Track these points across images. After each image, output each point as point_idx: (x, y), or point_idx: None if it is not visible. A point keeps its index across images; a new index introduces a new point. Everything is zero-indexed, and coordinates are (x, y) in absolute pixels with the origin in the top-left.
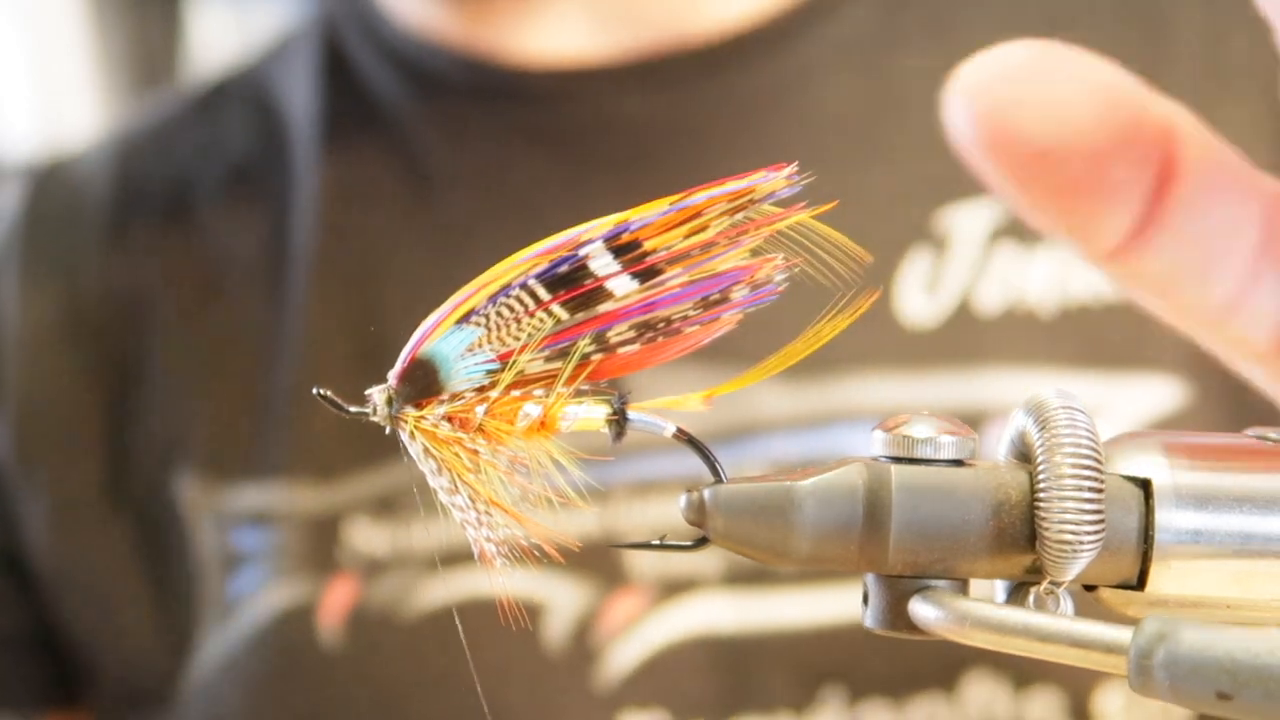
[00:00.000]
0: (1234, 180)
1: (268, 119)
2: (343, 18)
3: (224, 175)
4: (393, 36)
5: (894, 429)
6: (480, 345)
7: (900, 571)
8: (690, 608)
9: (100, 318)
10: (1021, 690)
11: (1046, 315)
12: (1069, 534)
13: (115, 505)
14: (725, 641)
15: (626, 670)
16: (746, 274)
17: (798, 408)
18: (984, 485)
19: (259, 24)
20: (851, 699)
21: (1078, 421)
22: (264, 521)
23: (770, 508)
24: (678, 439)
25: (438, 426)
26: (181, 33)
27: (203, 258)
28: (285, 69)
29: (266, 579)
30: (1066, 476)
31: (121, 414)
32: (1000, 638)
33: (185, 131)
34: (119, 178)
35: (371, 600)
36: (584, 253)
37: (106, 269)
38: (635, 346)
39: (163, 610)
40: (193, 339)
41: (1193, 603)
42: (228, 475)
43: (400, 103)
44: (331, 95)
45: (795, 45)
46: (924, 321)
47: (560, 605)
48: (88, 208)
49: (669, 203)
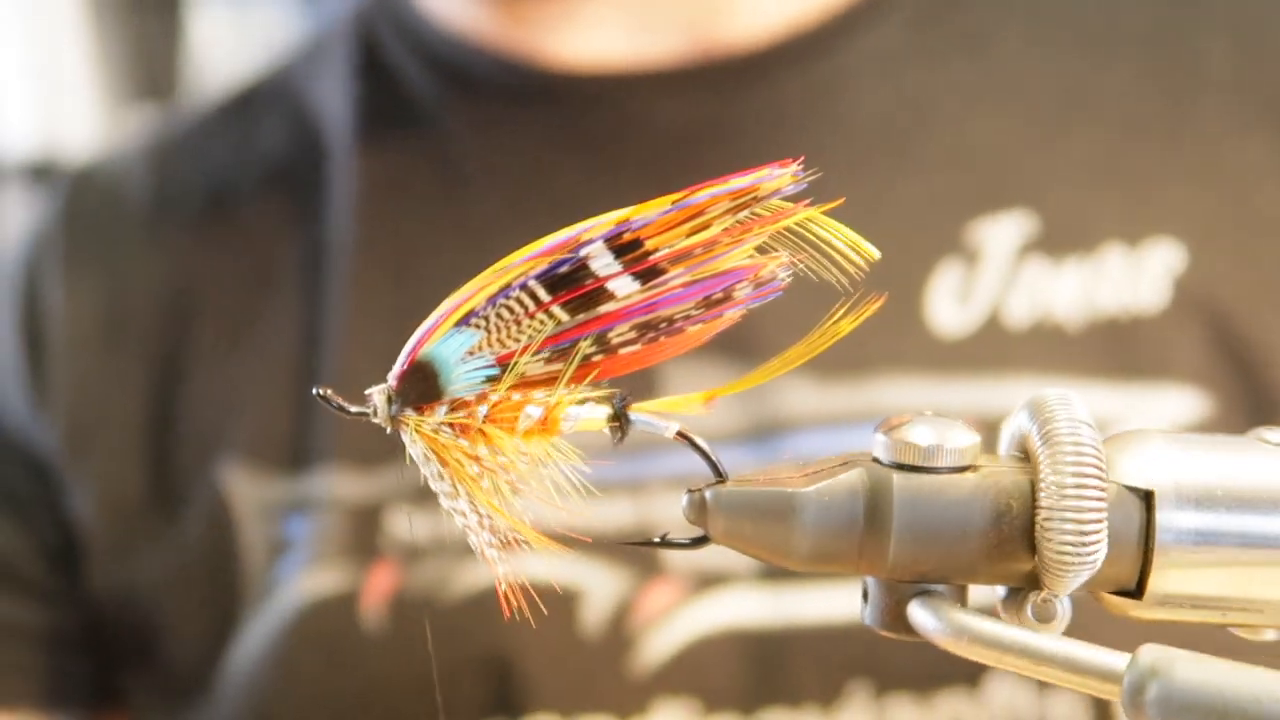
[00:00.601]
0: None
1: (303, 120)
2: (377, 19)
3: (261, 176)
4: (430, 37)
5: (896, 430)
6: (481, 349)
7: (899, 577)
8: (723, 601)
9: (142, 315)
10: (1046, 687)
11: (1073, 328)
12: (1069, 555)
13: (161, 497)
14: (756, 635)
15: (660, 659)
16: (750, 272)
17: (827, 407)
18: (985, 495)
19: (259, 24)
20: (878, 693)
21: (1081, 438)
22: (308, 509)
23: (771, 513)
24: (679, 439)
25: (439, 432)
26: (181, 33)
27: (242, 256)
28: (319, 71)
29: (309, 566)
30: (1069, 497)
31: (166, 407)
32: (997, 655)
33: (220, 135)
34: (156, 180)
35: (413, 585)
36: (584, 253)
37: (148, 267)
38: (637, 346)
39: (208, 599)
40: (235, 335)
41: (1191, 601)
42: (273, 465)
43: (437, 103)
44: (367, 96)
45: (829, 55)
46: (954, 330)
47: (597, 593)
48: (127, 208)
49: (671, 201)
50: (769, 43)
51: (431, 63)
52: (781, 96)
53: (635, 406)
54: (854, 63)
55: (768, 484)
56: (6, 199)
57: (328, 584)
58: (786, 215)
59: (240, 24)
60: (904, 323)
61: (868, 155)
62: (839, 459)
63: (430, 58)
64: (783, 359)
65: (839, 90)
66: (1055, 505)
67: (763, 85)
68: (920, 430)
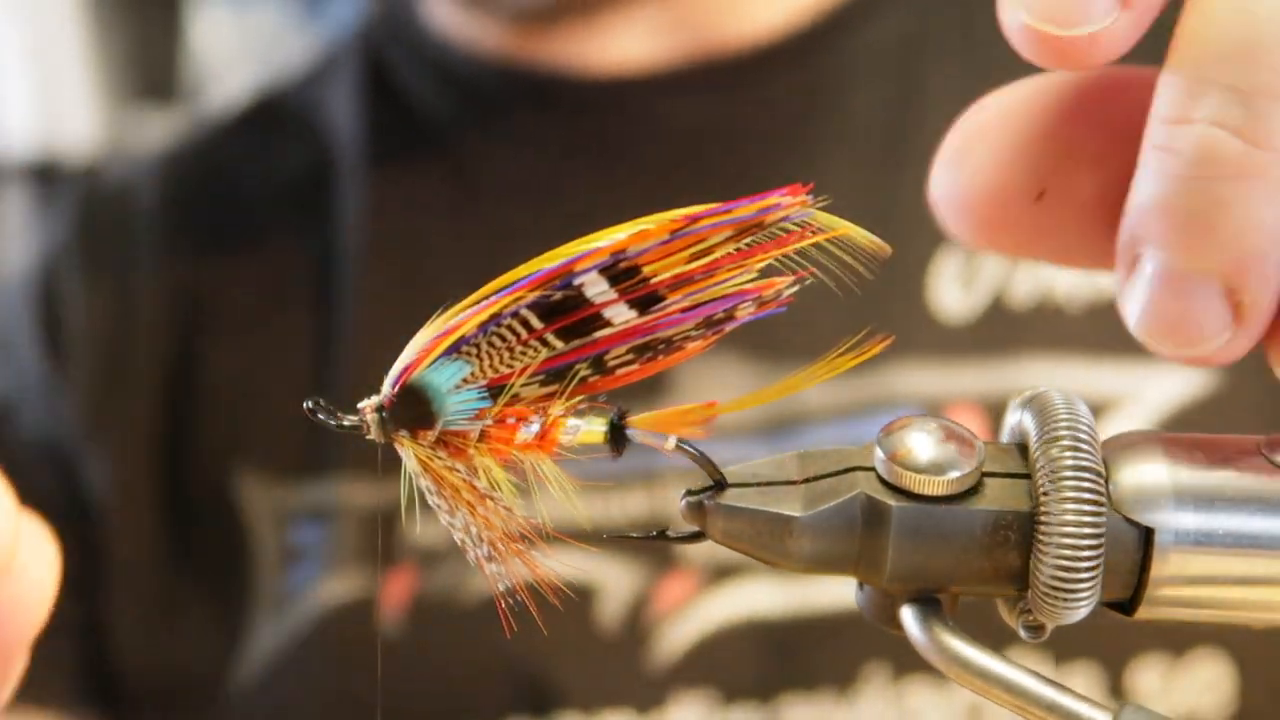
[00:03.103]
0: None
1: (313, 137)
2: (384, 34)
3: (272, 190)
4: (437, 50)
5: (896, 451)
6: (473, 379)
7: (895, 591)
8: (738, 591)
9: (156, 324)
10: (1062, 665)
11: (1076, 307)
12: (1060, 603)
13: (173, 503)
14: (772, 624)
15: (678, 652)
16: (755, 293)
17: (838, 398)
18: (983, 524)
19: (259, 24)
20: (895, 676)
21: (1082, 463)
22: (322, 517)
23: (767, 531)
24: (678, 450)
25: (431, 459)
26: (181, 33)
27: (254, 267)
28: (328, 87)
29: (325, 572)
30: (1067, 538)
31: (179, 414)
32: (983, 685)
33: (231, 148)
34: (168, 194)
35: (430, 589)
36: (579, 281)
37: (161, 277)
38: (634, 366)
39: (219, 606)
40: (246, 344)
41: (1187, 603)
42: (286, 473)
43: (446, 115)
44: (377, 111)
45: (830, 50)
46: (959, 315)
47: (613, 588)
48: (140, 217)
49: (670, 230)
50: (775, 38)
51: (440, 75)
52: (788, 91)
53: (633, 420)
54: (854, 56)
55: (767, 490)
56: (7, 199)
57: (344, 591)
58: (793, 241)
59: (240, 24)
60: (909, 310)
61: (869, 146)
62: (839, 462)
63: (438, 70)
64: (797, 378)
65: (841, 84)
66: (1052, 548)
67: (770, 81)
68: (920, 447)
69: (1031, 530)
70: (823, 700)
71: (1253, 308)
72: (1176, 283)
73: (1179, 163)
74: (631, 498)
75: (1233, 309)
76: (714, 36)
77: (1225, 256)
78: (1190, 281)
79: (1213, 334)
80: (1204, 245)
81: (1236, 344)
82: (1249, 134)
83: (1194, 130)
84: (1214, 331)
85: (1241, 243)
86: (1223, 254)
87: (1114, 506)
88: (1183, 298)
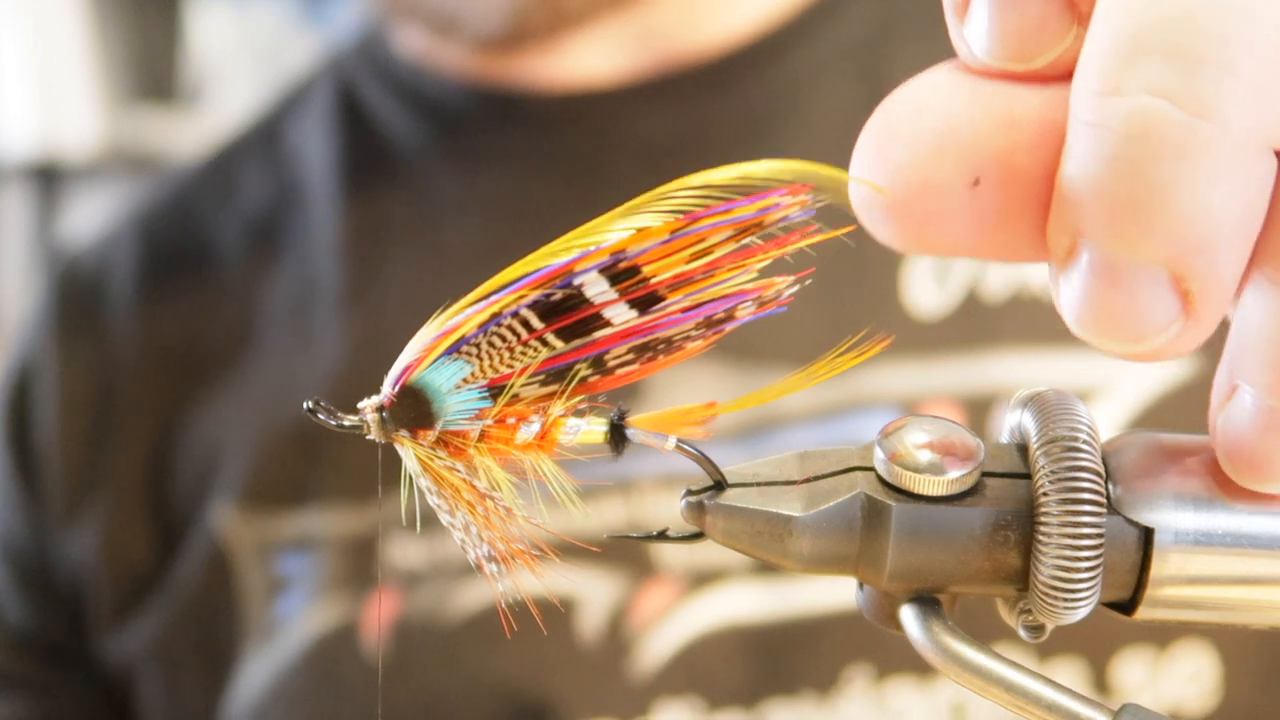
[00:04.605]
0: None
1: (282, 170)
2: (354, 61)
3: (244, 231)
4: (404, 73)
5: (896, 451)
6: (473, 379)
7: (895, 590)
8: (720, 597)
9: (134, 377)
10: (1045, 661)
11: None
12: (1060, 605)
13: (161, 547)
14: (755, 629)
15: (660, 660)
16: (755, 293)
17: (817, 399)
18: (983, 524)
19: (259, 24)
20: (879, 677)
21: (1082, 463)
22: (305, 546)
23: (768, 531)
24: (678, 450)
25: (432, 459)
26: (181, 33)
27: (231, 310)
28: (298, 118)
29: (310, 601)
30: (1067, 538)
31: (164, 462)
32: (982, 685)
33: (202, 193)
34: (144, 249)
35: (413, 611)
36: (579, 280)
37: (138, 333)
38: (634, 366)
39: (207, 641)
40: (222, 382)
41: (1190, 603)
42: (267, 505)
43: (415, 139)
44: (347, 140)
45: (799, 50)
46: (934, 311)
47: (593, 599)
48: (116, 283)
49: (669, 230)
50: (739, 44)
51: (407, 99)
52: (753, 97)
53: (633, 420)
54: (820, 55)
55: (767, 490)
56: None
57: (330, 618)
58: (794, 240)
59: (240, 24)
60: (884, 309)
61: (838, 144)
62: (840, 462)
63: (405, 94)
64: (797, 379)
65: (808, 83)
66: (1052, 554)
67: (735, 88)
68: (919, 454)
69: (1031, 530)
70: (806, 704)
71: (1203, 296)
72: (1116, 274)
73: (1112, 140)
74: (609, 508)
75: (1181, 298)
76: (679, 46)
77: (1170, 245)
78: (1132, 271)
79: (1160, 327)
80: (1145, 234)
81: (1188, 336)
82: (1192, 103)
83: (1127, 102)
84: (1161, 324)
85: (1187, 231)
86: (1167, 242)
87: (1114, 507)
88: (1124, 289)
